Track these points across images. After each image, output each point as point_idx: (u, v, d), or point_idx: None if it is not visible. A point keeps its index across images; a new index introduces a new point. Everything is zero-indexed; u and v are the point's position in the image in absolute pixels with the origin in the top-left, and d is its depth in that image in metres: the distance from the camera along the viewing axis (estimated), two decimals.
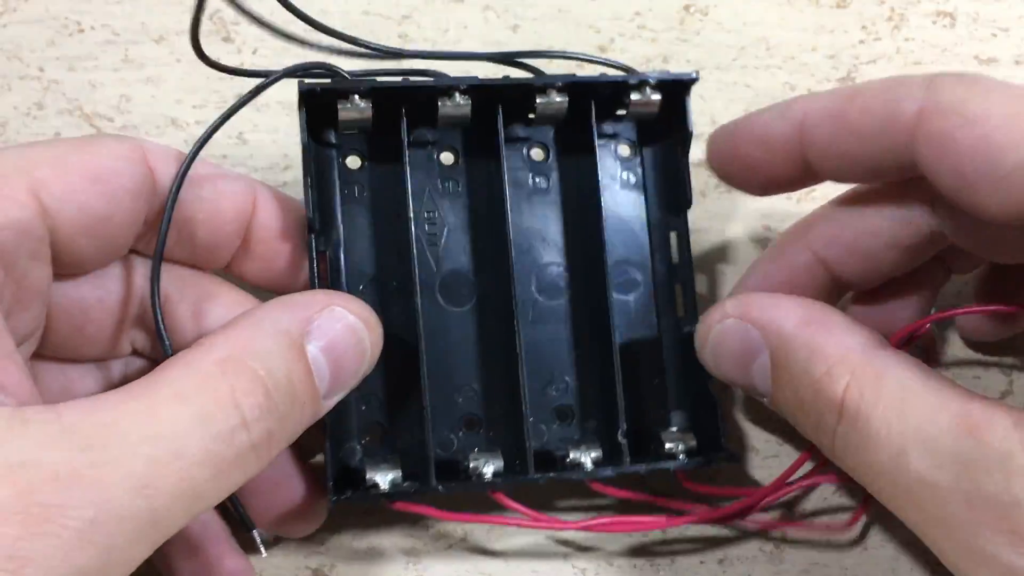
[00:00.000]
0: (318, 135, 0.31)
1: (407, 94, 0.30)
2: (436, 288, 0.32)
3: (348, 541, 0.32)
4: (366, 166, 0.32)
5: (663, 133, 0.33)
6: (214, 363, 0.23)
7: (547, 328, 0.32)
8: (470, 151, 0.33)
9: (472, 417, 0.31)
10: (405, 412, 0.30)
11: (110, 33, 0.39)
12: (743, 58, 0.40)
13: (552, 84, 0.31)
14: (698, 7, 0.41)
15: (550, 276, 0.32)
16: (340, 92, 0.29)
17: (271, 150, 0.37)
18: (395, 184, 0.31)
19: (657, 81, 0.31)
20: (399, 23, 0.40)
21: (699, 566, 0.32)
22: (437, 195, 0.32)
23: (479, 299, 0.32)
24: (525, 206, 0.33)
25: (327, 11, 0.40)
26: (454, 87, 0.30)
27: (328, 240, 0.31)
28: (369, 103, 0.30)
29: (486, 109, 0.31)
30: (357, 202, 0.32)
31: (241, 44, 0.39)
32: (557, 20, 0.40)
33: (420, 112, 0.31)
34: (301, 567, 0.31)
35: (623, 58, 0.39)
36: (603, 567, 0.32)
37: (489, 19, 0.40)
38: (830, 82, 0.39)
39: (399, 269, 0.31)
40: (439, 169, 0.32)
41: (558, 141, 0.33)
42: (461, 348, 0.31)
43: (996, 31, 0.40)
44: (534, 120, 0.32)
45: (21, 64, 0.39)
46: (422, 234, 0.32)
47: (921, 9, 0.41)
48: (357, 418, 0.31)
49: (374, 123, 0.30)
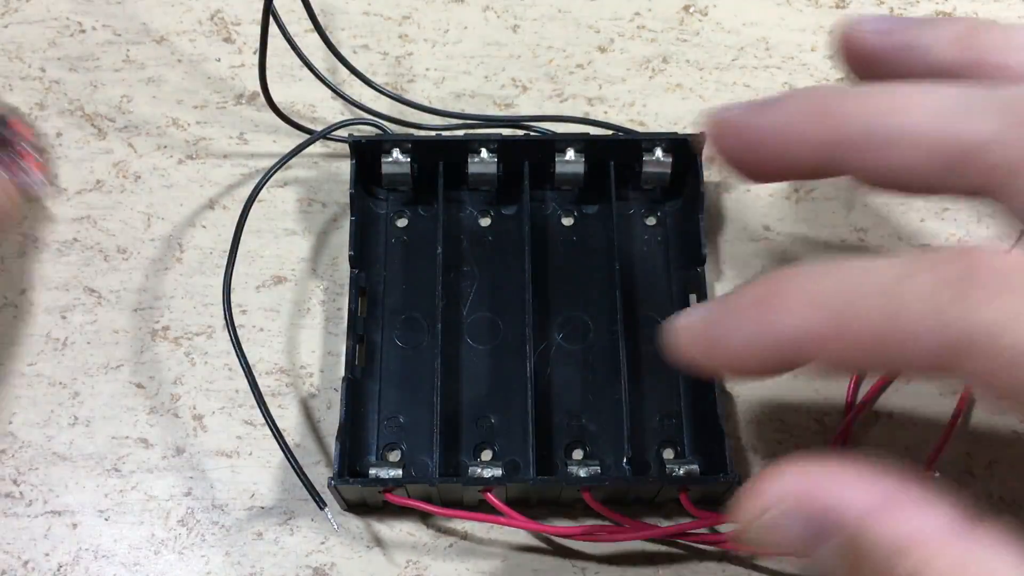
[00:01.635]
0: (366, 186, 0.35)
1: (443, 149, 0.34)
2: (463, 328, 0.34)
3: (349, 540, 0.32)
4: (407, 216, 0.36)
5: (679, 191, 0.36)
6: None
7: (565, 370, 0.34)
8: (500, 208, 0.36)
9: (485, 446, 0.33)
10: (422, 435, 0.32)
11: (111, 33, 0.39)
12: (743, 58, 0.40)
13: (569, 142, 0.34)
14: (697, 7, 0.41)
15: (571, 324, 0.34)
16: (384, 144, 0.34)
17: (271, 150, 0.37)
18: (433, 236, 0.34)
19: (667, 142, 0.34)
20: (399, 23, 0.40)
21: (698, 565, 0.32)
22: (471, 246, 0.35)
23: (502, 340, 0.34)
24: (551, 259, 0.35)
25: (327, 12, 0.40)
26: (481, 141, 0.34)
27: (369, 277, 0.34)
28: (409, 158, 0.34)
29: (514, 169, 0.34)
30: (396, 247, 0.35)
31: (242, 44, 0.39)
32: (557, 20, 0.40)
33: (455, 171, 0.35)
34: (301, 566, 0.31)
35: (623, 58, 0.40)
36: (603, 567, 0.32)
37: (489, 19, 0.40)
38: (829, 82, 0.39)
39: (430, 310, 0.34)
40: (472, 222, 0.36)
41: (583, 202, 0.36)
42: (481, 382, 0.34)
43: None
44: (557, 182, 0.35)
45: (22, 64, 0.39)
46: (451, 281, 0.35)
47: (920, 9, 0.41)
48: (377, 437, 0.33)
49: (414, 177, 0.34)
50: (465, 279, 0.35)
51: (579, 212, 0.36)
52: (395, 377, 0.33)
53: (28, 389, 0.34)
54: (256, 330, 0.35)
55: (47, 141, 0.37)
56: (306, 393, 0.34)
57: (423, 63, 0.39)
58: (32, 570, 0.31)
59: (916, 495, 0.22)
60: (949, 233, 0.37)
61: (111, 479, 0.32)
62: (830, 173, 0.26)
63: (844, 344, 0.22)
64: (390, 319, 0.34)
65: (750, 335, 0.23)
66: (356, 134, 0.34)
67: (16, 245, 0.36)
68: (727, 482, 0.30)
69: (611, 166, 0.35)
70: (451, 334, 0.33)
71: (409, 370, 0.33)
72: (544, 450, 0.31)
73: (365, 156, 0.34)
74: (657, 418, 0.33)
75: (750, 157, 0.26)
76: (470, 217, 0.36)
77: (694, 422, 0.33)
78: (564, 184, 0.35)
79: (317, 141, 0.35)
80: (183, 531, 0.32)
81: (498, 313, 0.34)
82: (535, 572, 0.32)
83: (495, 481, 0.30)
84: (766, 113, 0.26)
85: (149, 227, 0.36)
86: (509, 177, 0.35)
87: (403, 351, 0.34)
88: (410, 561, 0.32)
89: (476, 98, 0.39)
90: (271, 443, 0.33)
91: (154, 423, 0.33)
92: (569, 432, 0.33)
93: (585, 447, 0.33)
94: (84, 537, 0.32)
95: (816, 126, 0.25)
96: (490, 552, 0.32)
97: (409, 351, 0.34)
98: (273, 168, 0.34)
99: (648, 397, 0.33)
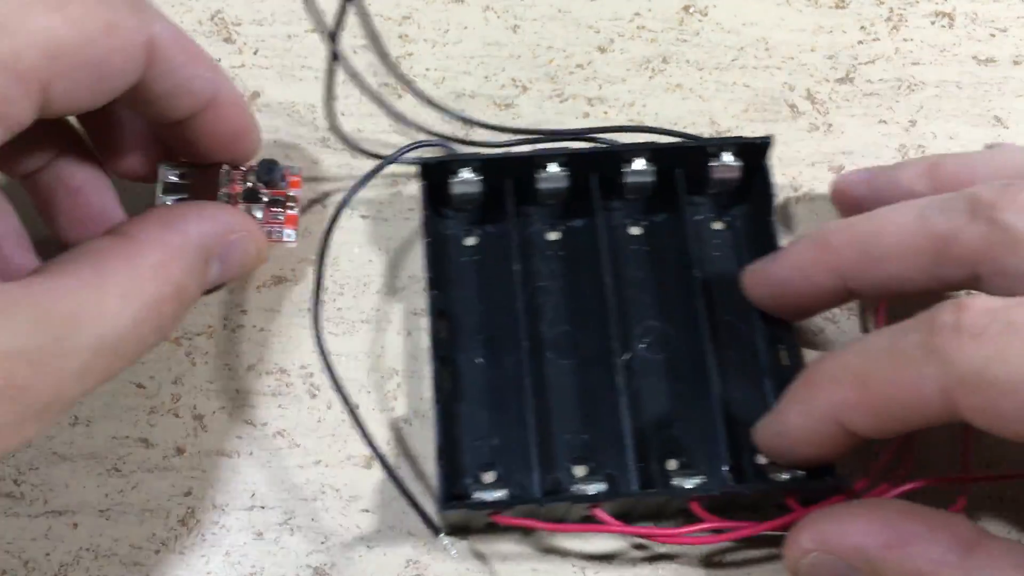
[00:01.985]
0: (436, 207, 0.35)
1: (510, 165, 0.34)
2: (544, 344, 0.34)
3: (349, 540, 0.32)
4: (479, 237, 0.36)
5: (748, 196, 0.36)
6: (150, 268, 0.26)
7: (650, 380, 0.33)
8: (570, 222, 0.36)
9: (579, 460, 0.33)
10: (516, 453, 0.32)
11: None
12: (742, 58, 0.40)
13: (637, 151, 0.34)
14: (697, 7, 0.41)
15: (652, 333, 0.34)
16: (453, 164, 0.34)
17: (271, 150, 0.37)
18: (504, 253, 0.34)
19: (735, 146, 0.34)
20: (399, 23, 0.40)
21: (698, 564, 0.32)
22: (543, 261, 0.35)
23: (584, 353, 0.34)
24: (625, 270, 0.35)
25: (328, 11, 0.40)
26: (549, 156, 0.34)
27: (446, 299, 0.34)
28: (478, 177, 0.34)
29: (582, 181, 0.34)
30: (468, 267, 0.35)
31: (242, 45, 0.39)
32: (557, 20, 0.40)
33: (524, 187, 0.34)
34: (301, 566, 0.31)
35: (623, 58, 0.40)
36: (603, 567, 0.32)
37: (489, 19, 0.40)
38: (829, 82, 0.39)
39: (510, 327, 0.33)
40: (543, 238, 0.36)
41: (651, 211, 0.36)
42: (568, 397, 0.33)
43: (995, 31, 0.40)
44: (626, 192, 0.35)
45: None
46: (529, 296, 0.34)
47: (920, 9, 0.41)
48: (471, 457, 0.32)
49: (484, 196, 0.34)
50: (540, 295, 0.35)
51: (647, 221, 0.36)
52: (481, 397, 0.33)
53: None
54: (256, 330, 0.35)
55: None
56: (307, 393, 0.34)
57: (423, 63, 0.39)
58: (32, 570, 0.31)
59: (923, 528, 0.27)
60: None
61: (111, 479, 0.32)
62: (844, 297, 0.31)
63: (868, 404, 0.27)
64: (470, 339, 0.34)
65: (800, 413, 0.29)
66: (422, 156, 0.34)
67: None
68: (835, 486, 0.30)
69: (678, 173, 0.34)
70: (533, 350, 0.33)
71: (494, 389, 0.33)
72: (640, 462, 0.31)
73: (433, 177, 0.34)
74: (748, 422, 0.32)
75: (780, 302, 0.32)
76: (538, 232, 0.36)
77: None
78: (632, 193, 0.35)
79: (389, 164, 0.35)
80: (183, 531, 0.32)
81: (577, 326, 0.34)
82: (535, 572, 0.32)
83: (602, 497, 0.30)
84: (780, 260, 0.32)
85: None
86: (577, 190, 0.34)
87: (487, 371, 0.33)
88: (410, 561, 0.32)
89: (476, 98, 0.39)
90: (271, 442, 0.33)
91: (154, 423, 0.33)
92: (661, 442, 0.33)
93: (679, 457, 0.32)
94: (84, 537, 0.32)
95: (821, 262, 0.30)
96: (490, 552, 0.32)
97: (492, 370, 0.33)
98: (351, 191, 0.34)
99: (737, 403, 0.33)
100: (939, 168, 0.32)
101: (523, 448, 0.31)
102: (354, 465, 0.33)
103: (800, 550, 0.28)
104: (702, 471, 0.31)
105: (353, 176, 0.36)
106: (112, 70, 0.26)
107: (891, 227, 0.29)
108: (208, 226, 0.29)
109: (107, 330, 0.25)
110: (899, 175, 0.32)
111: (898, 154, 0.38)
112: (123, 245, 0.27)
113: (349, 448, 0.33)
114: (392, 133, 0.38)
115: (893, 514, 0.27)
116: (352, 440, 0.33)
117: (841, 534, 0.28)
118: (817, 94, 0.39)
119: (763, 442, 0.30)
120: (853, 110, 0.39)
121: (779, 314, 0.33)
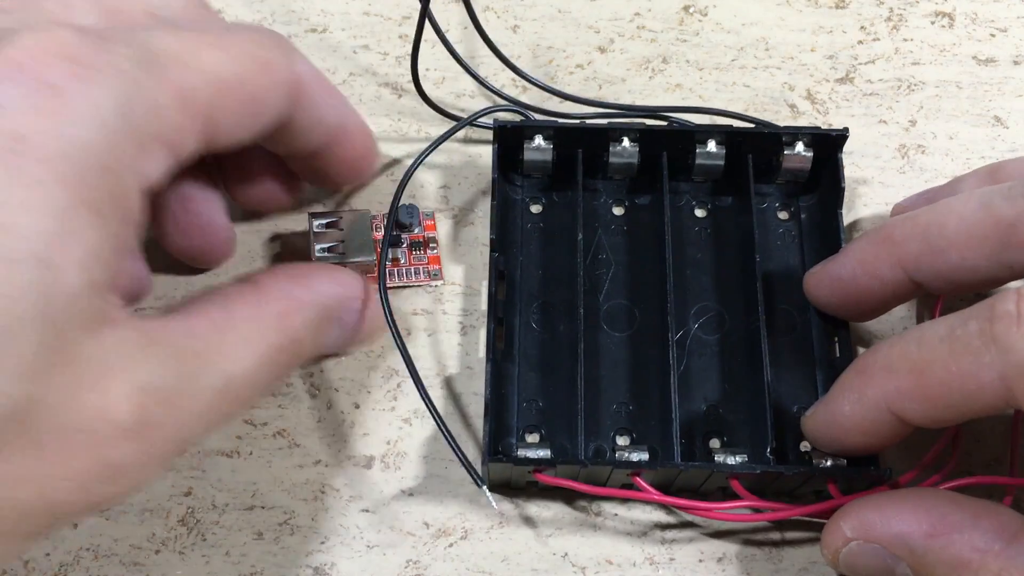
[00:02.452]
0: (505, 172, 0.36)
1: (584, 136, 0.35)
2: (600, 315, 0.35)
3: (349, 540, 0.32)
4: (544, 205, 0.36)
5: (815, 186, 0.36)
6: (274, 316, 0.27)
7: (701, 359, 0.34)
8: (636, 198, 0.36)
9: (624, 431, 0.33)
10: (561, 418, 0.33)
11: None
12: (742, 58, 0.40)
13: (711, 133, 0.35)
14: (697, 8, 0.41)
15: (707, 314, 0.35)
16: (527, 130, 0.34)
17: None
18: (568, 222, 0.35)
19: (809, 136, 0.34)
20: (399, 23, 0.40)
21: (697, 564, 0.32)
22: (605, 234, 0.36)
23: (638, 327, 0.34)
24: (686, 250, 0.36)
25: (327, 11, 0.40)
26: (624, 130, 0.34)
27: (507, 262, 0.35)
28: (551, 145, 0.34)
29: (652, 159, 0.35)
30: (532, 233, 0.36)
31: None
32: (557, 20, 0.40)
33: (592, 159, 0.35)
34: (302, 566, 0.31)
35: (623, 58, 0.40)
36: (602, 567, 0.32)
37: (489, 19, 0.40)
38: (829, 82, 0.39)
39: (567, 296, 0.34)
40: (606, 211, 0.36)
41: (717, 194, 0.36)
42: (619, 369, 0.34)
43: (995, 31, 0.40)
44: (694, 173, 0.35)
45: None
46: (590, 267, 0.35)
47: (920, 9, 0.41)
48: (517, 419, 0.33)
49: (554, 165, 0.35)
50: (600, 267, 0.35)
51: (712, 204, 0.36)
52: (532, 361, 0.34)
53: None
54: None
55: None
56: (307, 393, 0.34)
57: (423, 63, 0.39)
58: (32, 570, 0.31)
59: (967, 516, 0.27)
60: None
61: None
62: (909, 292, 0.31)
63: (924, 392, 0.26)
64: (526, 303, 0.35)
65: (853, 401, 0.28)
66: (498, 119, 0.35)
67: None
68: (878, 475, 0.30)
69: (749, 159, 0.35)
70: (589, 320, 0.34)
71: (546, 354, 0.34)
72: (683, 438, 0.31)
73: (507, 141, 0.35)
74: (795, 409, 0.33)
75: (844, 301, 0.32)
76: (604, 206, 0.36)
77: None
78: (702, 175, 0.36)
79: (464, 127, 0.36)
80: (183, 531, 0.32)
81: (634, 301, 0.35)
82: (535, 572, 0.32)
83: (644, 465, 0.30)
84: (842, 259, 0.32)
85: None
86: (645, 167, 0.35)
87: (540, 335, 0.34)
88: (410, 561, 0.32)
89: (476, 98, 0.39)
90: (271, 442, 0.33)
91: None
92: (707, 421, 0.33)
93: (723, 436, 0.33)
94: (84, 537, 0.32)
95: (885, 256, 0.30)
96: (490, 552, 0.32)
97: (546, 335, 0.34)
98: (425, 152, 0.35)
99: (785, 389, 0.33)
100: (1000, 170, 0.32)
101: (569, 413, 0.32)
102: (354, 465, 0.33)
103: (841, 538, 0.28)
104: (745, 451, 0.31)
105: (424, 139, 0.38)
106: (267, 105, 0.27)
107: (954, 216, 0.29)
108: (334, 288, 0.29)
109: (232, 371, 0.25)
110: (959, 185, 0.33)
111: (898, 154, 0.38)
112: (251, 292, 0.27)
113: (349, 448, 0.33)
114: (467, 98, 0.39)
115: (936, 502, 0.27)
116: (352, 440, 0.33)
117: (884, 522, 0.27)
118: (817, 94, 0.39)
119: (813, 430, 0.30)
120: (853, 110, 0.39)
121: (843, 315, 0.33)
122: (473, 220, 0.37)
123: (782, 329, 0.34)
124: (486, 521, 0.32)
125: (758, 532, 0.32)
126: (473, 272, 0.36)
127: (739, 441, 0.33)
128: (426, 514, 0.32)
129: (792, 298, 0.35)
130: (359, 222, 0.34)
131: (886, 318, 0.34)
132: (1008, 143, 0.38)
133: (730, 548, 0.32)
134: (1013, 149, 0.38)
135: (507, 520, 0.32)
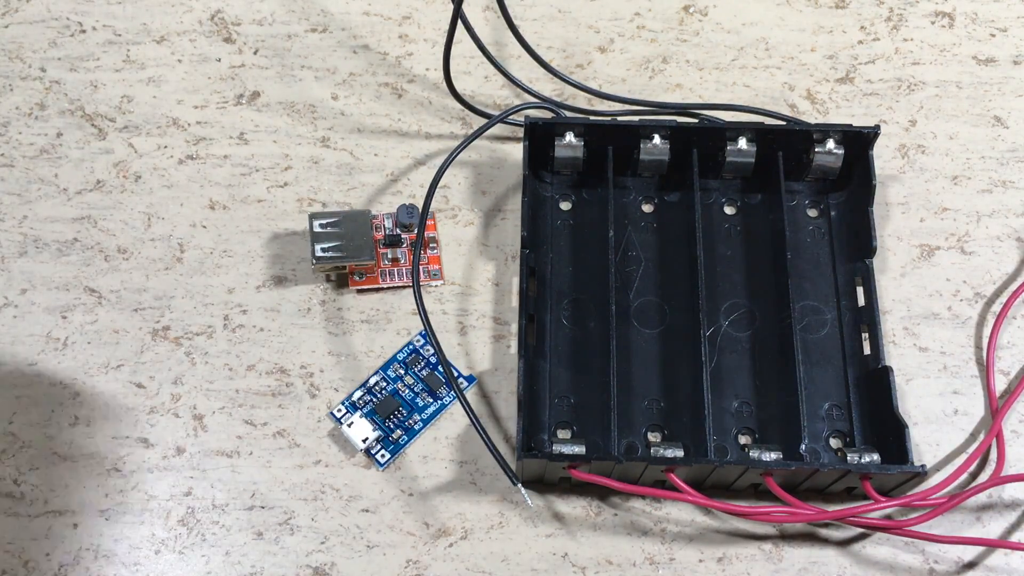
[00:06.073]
0: (536, 170, 0.36)
1: (615, 133, 0.35)
2: (630, 312, 0.35)
3: (349, 540, 0.32)
4: (574, 202, 0.36)
5: (845, 184, 0.36)
6: None
7: (732, 356, 0.34)
8: (666, 195, 0.36)
9: (656, 428, 0.33)
10: (593, 414, 0.33)
11: (111, 34, 0.39)
12: (742, 58, 0.40)
13: (741, 131, 0.35)
14: (697, 8, 0.41)
15: (737, 311, 0.35)
16: (558, 127, 0.35)
17: (271, 149, 0.37)
18: (599, 220, 0.35)
19: (840, 133, 0.34)
20: (399, 23, 0.40)
21: (697, 564, 0.32)
22: (635, 231, 0.36)
23: (668, 324, 0.34)
24: (716, 247, 0.36)
25: (327, 11, 0.40)
26: (655, 127, 0.35)
27: (538, 259, 0.35)
28: (581, 142, 0.35)
29: (682, 156, 0.35)
30: (562, 230, 0.36)
31: (242, 45, 0.39)
32: (557, 20, 0.40)
33: (622, 156, 0.35)
34: (302, 566, 0.31)
35: (623, 58, 0.40)
36: (602, 566, 0.32)
37: (489, 19, 0.40)
38: (829, 82, 0.39)
39: (597, 292, 0.34)
40: (638, 209, 0.36)
41: (746, 191, 0.36)
42: (649, 365, 0.34)
43: (994, 31, 0.40)
44: (725, 170, 0.35)
45: (23, 64, 0.39)
46: (620, 264, 0.35)
47: (920, 9, 0.41)
48: (549, 414, 0.33)
49: (584, 162, 0.35)
50: (631, 264, 0.35)
51: (742, 201, 0.36)
52: (564, 357, 0.34)
53: (28, 389, 0.34)
54: (256, 330, 0.35)
55: (52, 142, 0.37)
56: (307, 393, 0.34)
57: (423, 63, 0.39)
58: (33, 570, 0.31)
59: None
60: (948, 232, 0.37)
61: (111, 479, 0.32)
62: None
63: None
64: (557, 300, 0.35)
65: None
66: (530, 116, 0.35)
67: (16, 245, 0.36)
68: (913, 472, 0.30)
69: (779, 156, 0.35)
70: (619, 317, 0.34)
71: (577, 351, 0.34)
72: (715, 434, 0.32)
73: (538, 138, 0.35)
74: (825, 407, 0.33)
75: None
76: (634, 203, 0.36)
77: (865, 412, 0.33)
78: (732, 172, 0.36)
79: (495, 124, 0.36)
80: (183, 531, 0.32)
81: (664, 298, 0.35)
82: (535, 572, 0.32)
83: (680, 461, 0.30)
84: None
85: (149, 227, 0.36)
86: (675, 164, 0.35)
87: (571, 332, 0.34)
88: (410, 561, 0.32)
89: (475, 98, 0.39)
90: (271, 442, 0.33)
91: (154, 423, 0.33)
92: (738, 418, 0.33)
93: (754, 433, 0.33)
94: (84, 537, 0.32)
95: None
96: (490, 552, 0.32)
97: (577, 332, 0.34)
98: (456, 150, 0.35)
99: (816, 387, 0.33)
100: None
101: (602, 409, 0.32)
102: (354, 465, 0.33)
103: None
104: (778, 448, 0.31)
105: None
106: None
107: None
108: None
109: None
110: None
111: (898, 154, 0.38)
112: None
113: (349, 448, 0.33)
114: (497, 95, 0.39)
115: None
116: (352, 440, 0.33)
117: None
118: (817, 94, 0.39)
119: None
120: (853, 110, 0.39)
121: None
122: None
123: (812, 326, 0.34)
124: (486, 521, 0.32)
125: (758, 532, 0.32)
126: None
127: (770, 438, 0.33)
128: (426, 514, 0.32)
129: (822, 295, 0.35)
130: (359, 222, 0.34)
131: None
132: (1008, 143, 0.38)
133: (730, 548, 0.32)
134: (1013, 149, 0.38)
135: (507, 520, 0.32)
